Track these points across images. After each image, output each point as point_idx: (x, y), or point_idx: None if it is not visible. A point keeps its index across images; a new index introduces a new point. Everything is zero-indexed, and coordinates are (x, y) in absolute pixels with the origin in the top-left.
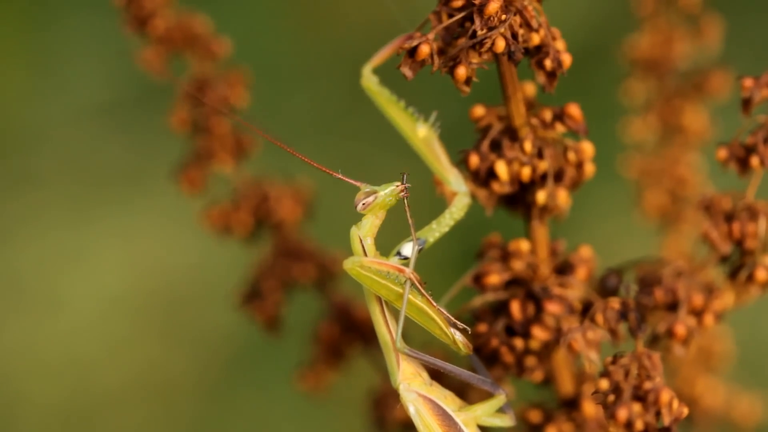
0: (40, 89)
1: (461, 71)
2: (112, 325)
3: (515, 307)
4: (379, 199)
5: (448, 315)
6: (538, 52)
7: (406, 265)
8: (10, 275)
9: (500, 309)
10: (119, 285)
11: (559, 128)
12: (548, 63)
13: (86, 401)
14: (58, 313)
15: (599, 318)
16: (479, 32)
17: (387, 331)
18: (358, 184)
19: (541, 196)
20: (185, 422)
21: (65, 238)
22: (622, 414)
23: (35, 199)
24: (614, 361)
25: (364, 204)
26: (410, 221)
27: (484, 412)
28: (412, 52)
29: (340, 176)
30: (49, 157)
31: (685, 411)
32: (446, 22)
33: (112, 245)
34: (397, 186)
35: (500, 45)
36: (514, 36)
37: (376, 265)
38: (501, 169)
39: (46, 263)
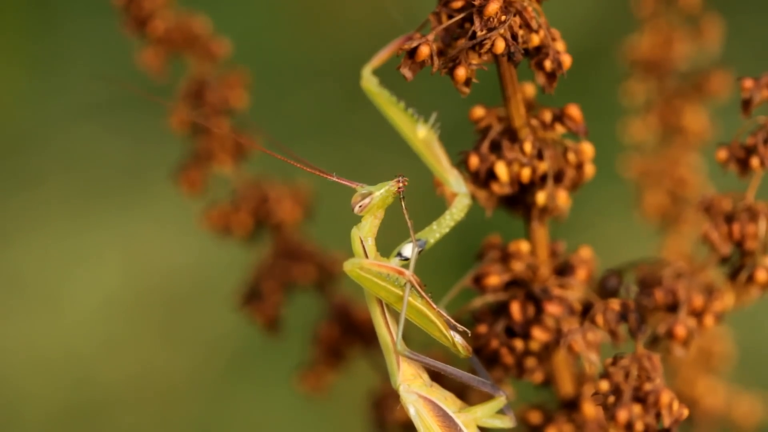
0: (40, 89)
1: (461, 72)
2: (112, 324)
3: (515, 308)
4: (375, 199)
5: (448, 317)
6: (538, 53)
7: (407, 266)
8: (10, 275)
9: (500, 310)
10: (119, 285)
11: (559, 129)
12: (548, 64)
13: (86, 401)
14: (58, 313)
15: (599, 319)
16: (479, 33)
17: (387, 333)
18: (353, 185)
19: (541, 197)
20: (185, 422)
21: (65, 238)
22: (623, 415)
23: (35, 199)
24: (614, 363)
25: (361, 206)
26: (409, 223)
27: (485, 413)
28: (412, 53)
29: (335, 178)
30: (49, 157)
31: (686, 412)
32: (446, 23)
33: (112, 245)
34: (392, 184)
35: (500, 46)
36: (514, 37)
37: (376, 267)
38: (501, 170)
39: (46, 263)
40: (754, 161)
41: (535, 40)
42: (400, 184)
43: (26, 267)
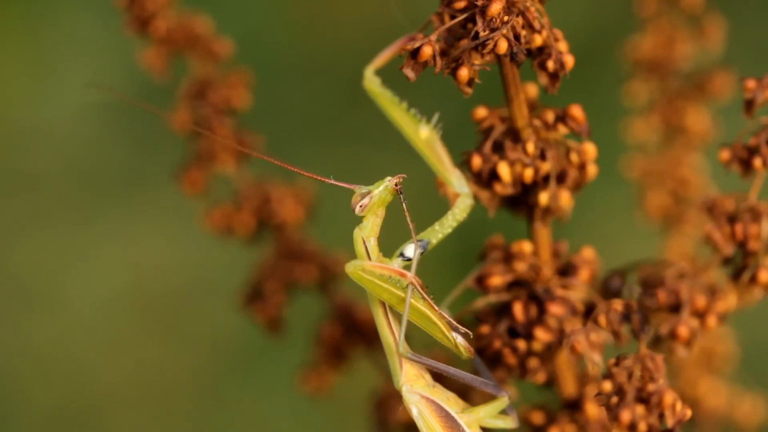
0: (40, 89)
1: (463, 73)
2: (112, 325)
3: (518, 309)
4: (374, 198)
5: (450, 319)
6: (541, 54)
7: (409, 267)
8: (10, 275)
9: (503, 311)
10: (120, 285)
11: (562, 129)
12: (551, 64)
13: (86, 401)
14: (58, 313)
15: (602, 319)
16: (481, 33)
17: (390, 334)
18: (351, 186)
19: (543, 198)
20: (185, 422)
21: (65, 238)
22: (626, 416)
23: (35, 199)
24: (617, 363)
25: (361, 206)
26: (410, 225)
27: (487, 413)
28: (415, 53)
29: (332, 181)
30: (49, 157)
31: (689, 413)
32: (448, 23)
33: (112, 245)
34: (390, 181)
35: (502, 46)
36: (517, 37)
37: (378, 269)
38: (503, 170)
39: (46, 263)
40: (757, 161)
41: (538, 40)
42: (398, 180)
43: (26, 267)
